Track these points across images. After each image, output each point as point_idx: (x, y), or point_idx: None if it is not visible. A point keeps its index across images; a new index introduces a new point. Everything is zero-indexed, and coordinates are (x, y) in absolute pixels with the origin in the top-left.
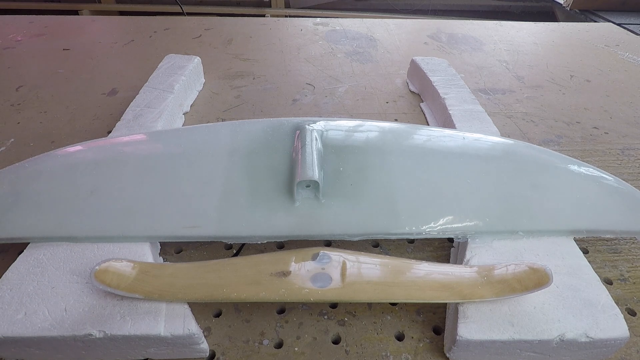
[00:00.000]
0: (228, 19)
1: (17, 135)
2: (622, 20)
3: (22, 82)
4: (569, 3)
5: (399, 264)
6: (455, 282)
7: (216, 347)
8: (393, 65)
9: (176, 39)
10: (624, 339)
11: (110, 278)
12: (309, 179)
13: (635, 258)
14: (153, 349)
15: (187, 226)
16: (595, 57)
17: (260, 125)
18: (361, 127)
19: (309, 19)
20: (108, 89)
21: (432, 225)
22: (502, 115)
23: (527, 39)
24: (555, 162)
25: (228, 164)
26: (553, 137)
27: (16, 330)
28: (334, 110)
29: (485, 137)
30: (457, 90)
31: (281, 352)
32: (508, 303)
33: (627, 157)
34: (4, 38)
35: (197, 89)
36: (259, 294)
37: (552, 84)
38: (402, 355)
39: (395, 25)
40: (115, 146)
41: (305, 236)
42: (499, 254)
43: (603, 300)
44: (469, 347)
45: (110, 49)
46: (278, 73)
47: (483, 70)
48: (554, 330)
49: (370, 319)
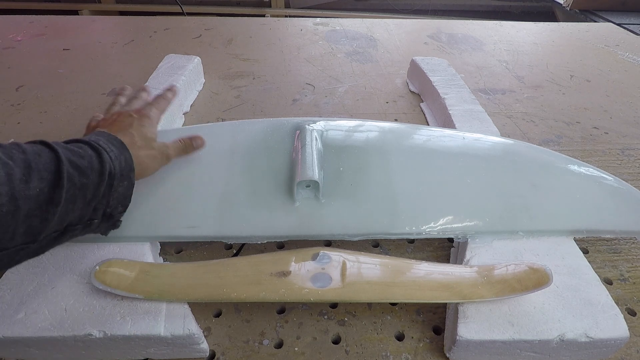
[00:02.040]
0: (228, 19)
1: (17, 135)
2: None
3: (22, 82)
4: (569, 3)
5: (399, 264)
6: (455, 282)
7: (216, 347)
8: (393, 65)
9: (176, 39)
10: (624, 339)
11: (110, 278)
12: (309, 179)
13: (635, 258)
14: (153, 349)
15: (187, 226)
16: (595, 57)
17: (260, 125)
18: (361, 127)
19: (309, 19)
20: (108, 89)
21: (432, 225)
22: (502, 115)
23: (527, 39)
24: (555, 162)
25: (228, 163)
26: (553, 137)
27: (16, 330)
28: (334, 110)
29: (485, 137)
30: (457, 90)
31: (281, 352)
32: (508, 303)
33: (627, 157)
34: (4, 38)
35: (197, 89)
36: (259, 294)
37: (552, 84)
38: (402, 355)
39: (395, 25)
40: None
41: (305, 236)
42: (499, 254)
43: (603, 300)
44: (469, 347)
45: (110, 49)
46: (278, 73)
47: (483, 70)
48: (554, 330)
49: (370, 319)
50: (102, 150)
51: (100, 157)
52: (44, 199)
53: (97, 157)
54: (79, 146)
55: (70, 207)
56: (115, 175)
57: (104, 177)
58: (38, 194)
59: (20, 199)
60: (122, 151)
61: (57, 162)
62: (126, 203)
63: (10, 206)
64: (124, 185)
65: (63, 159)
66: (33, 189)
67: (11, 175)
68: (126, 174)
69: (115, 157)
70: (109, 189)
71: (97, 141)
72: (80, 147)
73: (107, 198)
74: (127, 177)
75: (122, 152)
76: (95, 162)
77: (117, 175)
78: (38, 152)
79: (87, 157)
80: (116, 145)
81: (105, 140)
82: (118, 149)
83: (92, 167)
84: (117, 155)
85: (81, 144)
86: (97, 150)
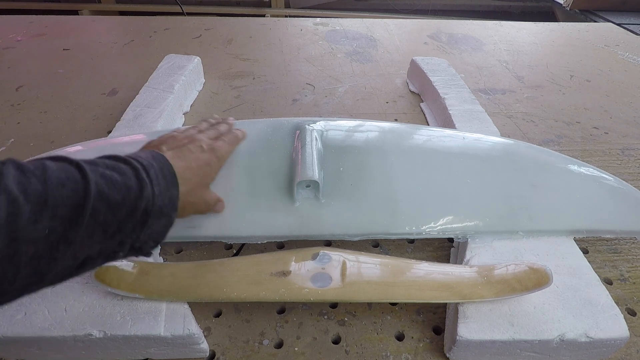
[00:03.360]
0: (228, 19)
1: (17, 135)
2: (622, 20)
3: (22, 82)
4: (569, 3)
5: (399, 264)
6: (455, 282)
7: (216, 347)
8: (393, 65)
9: (176, 39)
10: (624, 339)
11: (110, 278)
12: (309, 179)
13: (635, 258)
14: (153, 349)
15: (187, 226)
16: (595, 57)
17: (260, 125)
18: (361, 127)
19: (309, 19)
20: (108, 89)
21: (432, 225)
22: (502, 115)
23: (527, 39)
24: (555, 162)
25: (228, 163)
26: (553, 137)
27: (16, 330)
28: (334, 110)
29: (485, 137)
30: (457, 90)
31: (281, 352)
32: (508, 303)
33: (627, 157)
34: (4, 38)
35: (197, 89)
36: (259, 293)
37: (552, 84)
38: (402, 355)
39: (395, 25)
40: (115, 146)
41: (305, 236)
42: (499, 254)
43: (603, 300)
44: (469, 347)
45: (110, 49)
46: (278, 73)
47: (483, 70)
48: (554, 330)
49: (370, 319)
50: (146, 183)
51: (140, 191)
52: (55, 238)
53: (137, 189)
54: (122, 171)
55: (87, 242)
56: (153, 212)
57: (136, 213)
58: (48, 234)
59: (22, 242)
60: (171, 187)
61: (84, 194)
62: (159, 239)
63: (8, 250)
64: (161, 223)
65: (92, 191)
66: (41, 230)
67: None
68: (167, 212)
69: (159, 192)
70: (141, 226)
71: (147, 168)
72: (123, 172)
73: (138, 233)
74: (166, 215)
75: (170, 189)
76: (132, 196)
77: (155, 212)
78: (63, 181)
79: (124, 189)
80: (167, 177)
81: (158, 169)
82: (167, 183)
83: (126, 202)
84: (162, 191)
85: (126, 168)
86: (141, 181)
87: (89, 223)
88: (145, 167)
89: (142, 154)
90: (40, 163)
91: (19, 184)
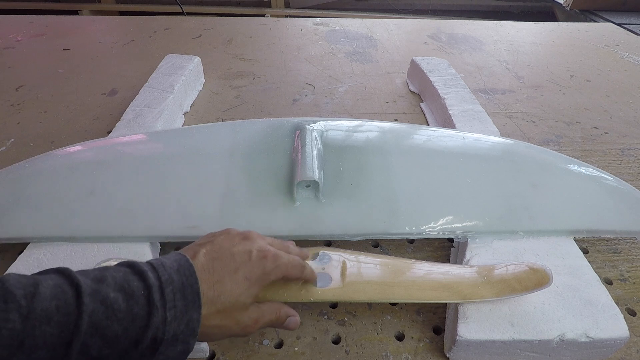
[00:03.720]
0: (228, 19)
1: (17, 135)
2: (622, 20)
3: (22, 82)
4: (569, 3)
5: (399, 264)
6: (455, 282)
7: (216, 347)
8: (393, 65)
9: (176, 39)
10: (624, 339)
11: None
12: (309, 179)
13: (635, 258)
14: None
15: (187, 226)
16: (595, 57)
17: (260, 125)
18: (361, 127)
19: (309, 19)
20: (108, 89)
21: (432, 225)
22: (502, 115)
23: (527, 39)
24: (555, 162)
25: (228, 164)
26: (553, 137)
27: None
28: (334, 110)
29: (485, 137)
30: (457, 90)
31: (281, 352)
32: (508, 303)
33: (627, 157)
34: (4, 38)
35: (197, 89)
36: (259, 294)
37: (552, 84)
38: (402, 355)
39: (395, 25)
40: (115, 146)
41: (305, 236)
42: (499, 254)
43: (603, 300)
44: (469, 347)
45: (110, 49)
46: (278, 73)
47: (483, 70)
48: (554, 330)
49: (370, 319)
50: (156, 308)
51: (148, 318)
52: None
53: (145, 316)
54: (131, 291)
55: None
56: (163, 341)
57: (142, 344)
58: None
59: None
60: (190, 310)
61: (74, 330)
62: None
63: None
64: (177, 349)
65: (83, 327)
66: None
67: None
68: (183, 338)
69: (173, 317)
70: (150, 354)
71: (164, 286)
72: (131, 293)
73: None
74: (183, 342)
75: (190, 311)
76: (137, 325)
77: (167, 340)
78: (51, 313)
79: (128, 318)
80: (188, 297)
81: (178, 286)
82: (186, 304)
83: (129, 334)
84: (177, 316)
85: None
86: (151, 306)
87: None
88: (162, 284)
89: (168, 261)
90: (34, 283)
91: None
